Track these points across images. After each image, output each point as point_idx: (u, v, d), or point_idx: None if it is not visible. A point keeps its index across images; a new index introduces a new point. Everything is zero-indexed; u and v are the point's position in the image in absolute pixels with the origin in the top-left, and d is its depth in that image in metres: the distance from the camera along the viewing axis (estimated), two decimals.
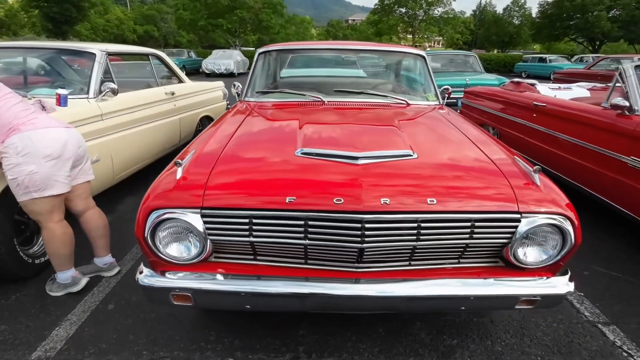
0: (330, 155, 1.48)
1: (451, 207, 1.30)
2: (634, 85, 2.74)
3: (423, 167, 1.47)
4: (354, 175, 1.37)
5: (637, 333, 1.88)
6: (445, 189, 1.36)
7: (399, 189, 1.33)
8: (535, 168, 1.42)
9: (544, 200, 1.34)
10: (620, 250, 2.67)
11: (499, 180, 1.40)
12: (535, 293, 1.39)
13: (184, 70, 19.28)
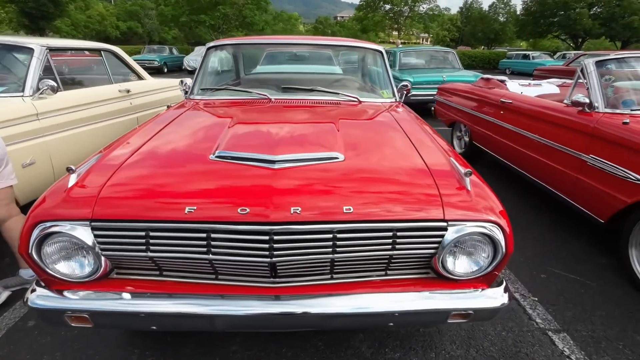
0: (246, 158, 1.35)
1: (370, 215, 1.18)
2: (594, 82, 2.67)
3: (347, 171, 1.35)
4: (267, 180, 1.24)
5: (587, 341, 1.80)
6: (366, 196, 1.24)
7: (314, 197, 1.21)
8: (466, 172, 1.31)
9: (473, 207, 1.24)
10: (582, 251, 2.60)
11: (427, 186, 1.29)
12: (466, 307, 1.28)
13: (165, 67, 18.91)
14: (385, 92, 2.53)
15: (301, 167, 1.32)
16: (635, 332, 1.86)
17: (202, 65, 2.61)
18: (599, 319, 1.94)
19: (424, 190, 1.27)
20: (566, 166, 2.71)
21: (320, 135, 1.63)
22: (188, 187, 1.25)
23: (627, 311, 2.00)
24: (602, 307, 2.04)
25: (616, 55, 2.87)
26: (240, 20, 22.87)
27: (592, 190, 2.46)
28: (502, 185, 3.79)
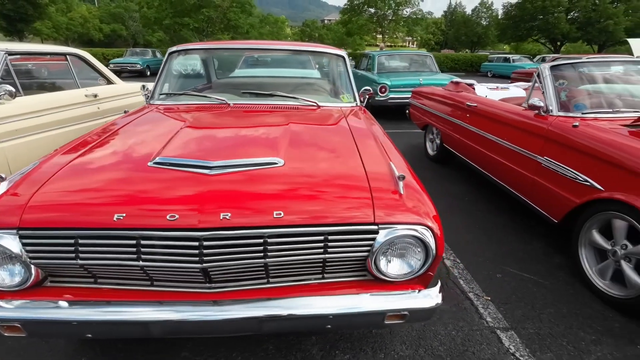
0: (184, 164, 1.36)
1: (301, 220, 1.20)
2: (549, 86, 2.75)
3: (284, 177, 1.36)
4: (201, 186, 1.25)
5: (533, 338, 1.85)
6: (298, 201, 1.26)
7: (245, 202, 1.22)
8: (399, 175, 1.34)
9: (404, 211, 1.27)
10: (540, 252, 2.67)
11: (361, 191, 1.32)
12: (401, 308, 1.31)
13: (148, 71, 18.65)
14: (346, 97, 2.56)
15: (237, 172, 1.33)
16: (580, 328, 1.92)
17: (163, 70, 2.61)
18: (547, 317, 2.00)
19: (358, 195, 1.30)
20: (524, 168, 2.78)
21: (266, 141, 1.64)
22: (120, 194, 1.25)
23: (575, 309, 2.07)
24: (552, 305, 2.09)
25: (570, 60, 2.97)
26: (225, 23, 22.79)
27: (546, 191, 2.54)
28: (471, 188, 3.86)
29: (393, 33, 33.96)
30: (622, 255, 2.03)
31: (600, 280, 2.16)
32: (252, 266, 1.23)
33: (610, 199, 2.03)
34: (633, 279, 1.95)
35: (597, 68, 2.97)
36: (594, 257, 2.24)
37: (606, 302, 2.10)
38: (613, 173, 2.06)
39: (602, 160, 2.12)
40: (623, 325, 1.94)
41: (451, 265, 2.47)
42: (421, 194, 1.37)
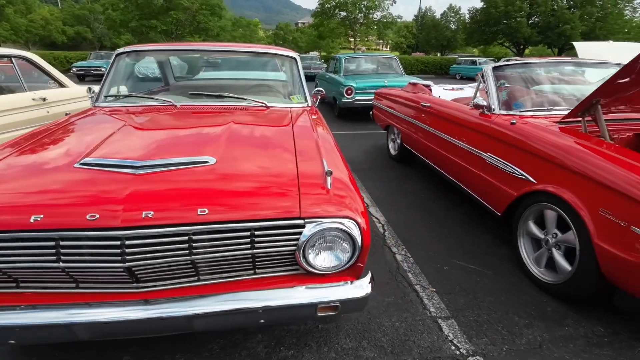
0: (109, 165, 1.35)
1: (226, 216, 1.22)
2: (492, 86, 2.90)
3: (213, 175, 1.38)
4: (125, 186, 1.25)
5: (471, 325, 1.94)
6: (225, 198, 1.28)
7: (169, 200, 1.23)
8: (327, 171, 1.39)
9: (330, 205, 1.31)
10: (486, 243, 2.79)
11: (289, 187, 1.35)
12: (331, 299, 1.35)
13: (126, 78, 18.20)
14: (296, 98, 2.60)
15: (165, 171, 1.34)
16: (515, 314, 2.03)
17: (110, 72, 2.56)
18: (486, 305, 2.10)
19: (285, 191, 1.33)
20: (471, 164, 2.91)
21: (201, 141, 1.65)
22: (40, 196, 1.23)
23: (513, 296, 2.18)
24: (492, 293, 2.20)
25: (511, 62, 3.13)
26: (195, 25, 22.47)
27: (490, 186, 2.66)
28: (429, 185, 3.98)
29: (364, 36, 34.47)
30: (553, 244, 2.16)
31: (536, 268, 2.29)
32: (179, 264, 1.24)
33: (542, 191, 2.16)
34: (562, 265, 2.08)
35: (536, 69, 3.14)
36: (531, 247, 2.37)
37: (541, 288, 2.22)
38: (544, 167, 2.19)
39: (535, 155, 2.25)
40: (554, 309, 2.06)
41: (402, 260, 2.55)
42: (349, 189, 1.42)
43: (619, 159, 1.82)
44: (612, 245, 1.73)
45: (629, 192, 1.66)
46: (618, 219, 1.71)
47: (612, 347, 1.80)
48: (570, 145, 2.07)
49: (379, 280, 2.31)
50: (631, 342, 1.83)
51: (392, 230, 2.97)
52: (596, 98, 2.16)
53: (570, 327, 1.93)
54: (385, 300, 2.13)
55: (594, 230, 1.82)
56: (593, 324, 1.95)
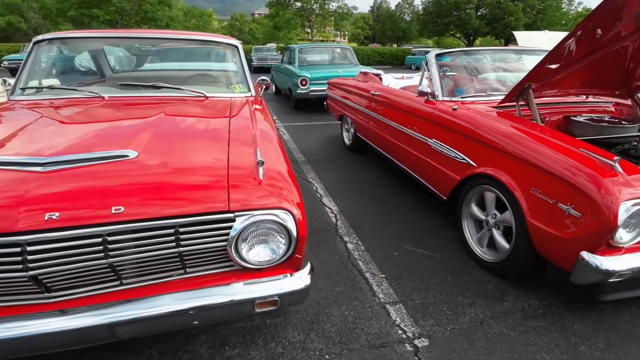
0: (11, 162, 1.20)
1: (145, 214, 1.13)
2: (435, 73, 2.95)
3: (134, 170, 1.28)
4: (27, 186, 1.12)
5: (418, 308, 1.97)
6: (144, 193, 1.18)
7: (78, 199, 1.11)
8: (259, 161, 1.32)
9: (262, 196, 1.25)
10: (435, 227, 2.86)
11: (218, 179, 1.28)
12: (268, 294, 1.30)
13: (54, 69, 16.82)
14: (238, 87, 2.50)
15: (76, 168, 1.22)
16: (460, 294, 2.09)
17: (27, 62, 2.32)
18: (433, 287, 2.15)
19: (213, 184, 1.26)
20: (418, 150, 2.96)
21: (124, 134, 1.53)
22: None
23: (458, 276, 2.25)
24: (439, 275, 2.26)
25: (453, 49, 3.21)
26: (142, 15, 21.19)
27: (436, 171, 2.72)
28: (382, 174, 4.02)
29: (321, 28, 34.36)
30: (493, 224, 2.24)
31: (479, 248, 2.37)
32: (95, 269, 1.13)
33: (482, 174, 2.24)
34: (501, 244, 2.18)
35: (477, 57, 3.25)
36: (474, 228, 2.46)
37: (484, 267, 2.31)
38: (483, 150, 2.26)
39: (474, 139, 2.32)
40: (495, 287, 2.15)
41: (353, 249, 2.55)
42: (285, 180, 1.37)
43: (547, 140, 1.91)
44: (543, 222, 1.82)
45: (556, 171, 1.74)
46: (547, 197, 1.79)
47: (545, 318, 1.90)
48: (504, 128, 2.14)
49: (329, 270, 2.29)
50: (562, 312, 1.95)
51: (344, 220, 2.97)
52: (527, 83, 2.25)
53: (509, 302, 2.02)
54: (335, 289, 2.11)
55: (526, 209, 1.91)
56: (530, 298, 2.06)
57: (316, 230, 2.78)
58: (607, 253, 1.64)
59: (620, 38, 2.06)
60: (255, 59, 19.00)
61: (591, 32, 1.96)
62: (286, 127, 6.29)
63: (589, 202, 1.59)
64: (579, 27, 1.90)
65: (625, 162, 1.65)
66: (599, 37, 2.00)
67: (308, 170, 4.12)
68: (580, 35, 1.94)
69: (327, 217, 3.01)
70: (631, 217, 1.54)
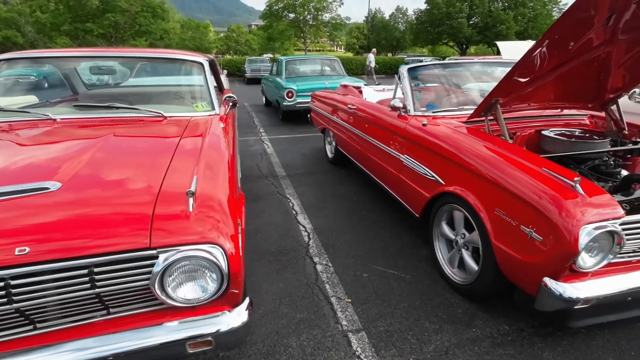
0: None
1: (54, 254, 1.04)
2: (407, 87, 2.89)
3: (51, 204, 1.19)
4: None
5: (381, 336, 1.88)
6: (56, 230, 1.10)
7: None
8: (188, 192, 1.24)
9: (189, 231, 1.17)
10: (408, 246, 2.77)
11: (142, 212, 1.19)
12: (199, 333, 1.21)
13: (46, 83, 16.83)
14: (201, 106, 2.43)
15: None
16: (427, 319, 2.00)
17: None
18: (399, 312, 2.05)
19: (136, 218, 1.18)
20: (392, 166, 2.89)
21: (53, 162, 1.45)
22: None
23: (427, 299, 2.16)
24: (407, 299, 2.16)
25: (426, 63, 3.16)
26: (136, 29, 21.28)
27: (408, 188, 2.65)
28: (361, 188, 3.95)
29: (315, 38, 34.60)
30: (462, 244, 2.16)
31: (450, 269, 2.29)
32: (1, 314, 1.04)
33: (450, 192, 2.16)
34: (470, 265, 2.09)
35: (450, 70, 3.20)
36: (445, 247, 2.37)
37: (455, 289, 2.22)
38: (450, 168, 2.19)
39: (442, 156, 2.25)
40: (465, 311, 2.06)
41: (322, 270, 2.46)
42: (220, 211, 1.28)
43: (510, 158, 1.84)
44: (506, 245, 1.74)
45: (518, 191, 1.67)
46: (510, 219, 1.71)
47: (514, 345, 1.81)
48: (468, 146, 2.08)
49: (294, 295, 2.20)
50: (533, 338, 1.85)
51: (317, 239, 2.88)
52: (495, 98, 2.19)
53: (478, 328, 1.93)
54: (297, 316, 2.02)
55: (491, 230, 1.83)
56: (499, 323, 1.96)
57: (286, 251, 2.69)
58: (572, 279, 1.56)
59: (589, 48, 2.01)
60: (248, 70, 19.05)
61: (558, 43, 1.89)
62: (271, 140, 6.23)
63: (549, 225, 1.51)
64: (544, 37, 1.82)
65: (587, 182, 1.57)
66: (566, 48, 1.94)
67: (287, 185, 4.05)
68: (546, 46, 1.87)
69: (299, 236, 2.92)
70: (593, 241, 1.47)
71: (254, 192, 3.85)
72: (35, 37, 35.38)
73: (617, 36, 1.93)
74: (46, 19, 19.38)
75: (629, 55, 2.11)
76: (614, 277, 1.57)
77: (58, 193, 1.23)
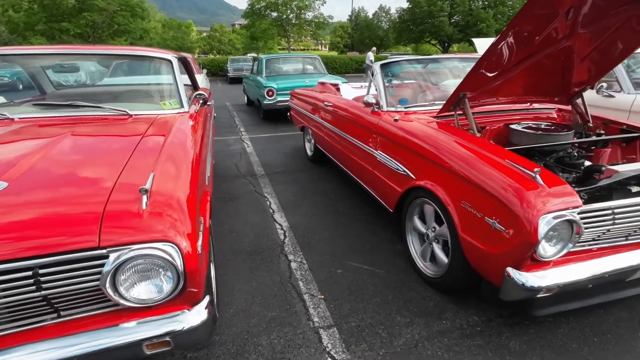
0: None
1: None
2: (380, 83, 2.90)
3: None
4: None
5: (352, 332, 1.87)
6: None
7: None
8: (142, 189, 1.21)
9: (142, 228, 1.14)
10: (384, 241, 2.78)
11: (92, 211, 1.15)
12: (157, 334, 1.18)
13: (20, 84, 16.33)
14: (169, 103, 2.38)
15: None
16: (398, 313, 2.00)
17: None
18: (372, 307, 2.05)
19: (85, 216, 1.14)
20: (366, 161, 2.90)
21: (2, 162, 1.40)
22: None
23: (400, 294, 2.16)
24: (380, 294, 2.17)
25: (398, 59, 3.18)
26: (115, 28, 20.78)
27: (382, 183, 2.66)
28: (340, 186, 3.94)
29: (298, 37, 34.51)
30: (433, 238, 2.18)
31: (422, 262, 2.30)
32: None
33: (420, 186, 2.17)
34: (441, 258, 2.11)
35: (422, 65, 3.22)
36: (418, 241, 2.39)
37: (427, 282, 2.24)
38: (421, 162, 2.20)
39: (412, 151, 2.26)
40: (436, 303, 2.07)
41: (296, 268, 2.44)
42: (176, 209, 1.25)
43: (475, 151, 1.86)
44: (472, 237, 1.76)
45: (482, 183, 1.68)
46: (475, 211, 1.73)
47: (482, 335, 1.83)
48: (436, 140, 2.09)
49: (266, 293, 2.18)
50: (500, 328, 1.88)
51: (292, 237, 2.86)
52: (462, 92, 2.21)
53: (448, 320, 1.95)
54: (268, 315, 2.00)
55: (458, 222, 1.85)
56: (469, 314, 1.98)
57: (261, 250, 2.67)
58: (534, 268, 1.58)
59: (551, 42, 2.04)
60: (231, 69, 18.85)
61: (520, 37, 1.90)
62: (251, 139, 6.18)
63: (510, 216, 1.53)
64: (506, 31, 1.84)
65: (547, 173, 1.60)
66: (529, 41, 1.97)
67: (265, 184, 4.01)
68: (509, 40, 1.89)
69: (275, 235, 2.90)
70: (552, 230, 1.49)
71: (231, 192, 3.80)
72: (10, 38, 34.27)
73: (577, 30, 1.97)
74: (19, 18, 18.73)
75: (590, 49, 2.16)
76: (575, 266, 1.60)
77: (3, 193, 1.18)
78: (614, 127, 2.52)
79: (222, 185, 3.98)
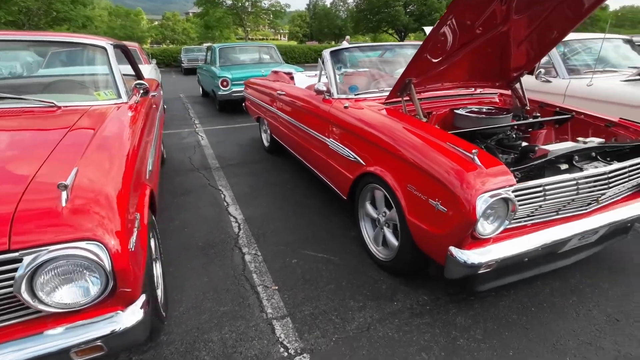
0: None
1: None
2: (330, 71, 2.88)
3: None
4: None
5: (306, 320, 1.87)
6: None
7: None
8: (60, 184, 1.11)
9: (60, 227, 1.05)
10: (339, 227, 2.80)
11: (2, 210, 1.05)
12: (85, 339, 1.10)
13: None
14: (104, 94, 2.22)
15: None
16: (352, 298, 2.03)
17: None
18: (326, 294, 2.06)
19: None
20: (319, 149, 2.88)
21: None
22: None
23: (353, 279, 2.19)
24: (334, 281, 2.18)
25: (348, 46, 3.17)
26: (53, 15, 19.11)
27: (334, 171, 2.66)
28: (295, 175, 3.91)
29: (255, 26, 33.67)
30: (384, 222, 2.21)
31: (375, 247, 2.34)
32: None
33: (370, 172, 2.19)
34: (391, 242, 2.15)
35: (372, 53, 3.24)
36: (371, 227, 2.42)
37: (381, 267, 2.28)
38: (370, 149, 2.21)
39: (361, 137, 2.27)
40: (388, 286, 2.12)
41: (250, 260, 2.40)
42: (104, 205, 1.17)
43: (419, 135, 1.89)
44: (418, 219, 1.80)
45: (425, 166, 1.72)
46: (420, 194, 1.77)
47: (431, 314, 1.89)
48: (383, 126, 2.11)
49: (219, 288, 2.12)
50: (448, 305, 1.96)
51: (247, 229, 2.80)
52: (407, 78, 2.24)
53: (399, 301, 2.00)
54: (220, 310, 1.95)
55: (405, 206, 1.88)
56: (419, 294, 2.05)
57: (214, 244, 2.59)
58: (475, 245, 1.65)
59: (488, 28, 2.10)
60: (185, 60, 18.07)
61: (458, 22, 1.94)
62: (206, 132, 5.97)
63: (451, 196, 1.58)
64: (444, 16, 1.87)
65: (484, 154, 1.66)
66: (467, 27, 2.01)
67: (220, 177, 3.90)
68: (448, 25, 1.92)
69: (229, 228, 2.83)
70: (490, 208, 1.55)
71: (184, 186, 3.66)
72: None
73: (512, 15, 2.05)
74: None
75: (525, 35, 2.26)
76: (511, 241, 1.69)
77: None
78: (549, 109, 2.67)
79: (175, 180, 3.82)
